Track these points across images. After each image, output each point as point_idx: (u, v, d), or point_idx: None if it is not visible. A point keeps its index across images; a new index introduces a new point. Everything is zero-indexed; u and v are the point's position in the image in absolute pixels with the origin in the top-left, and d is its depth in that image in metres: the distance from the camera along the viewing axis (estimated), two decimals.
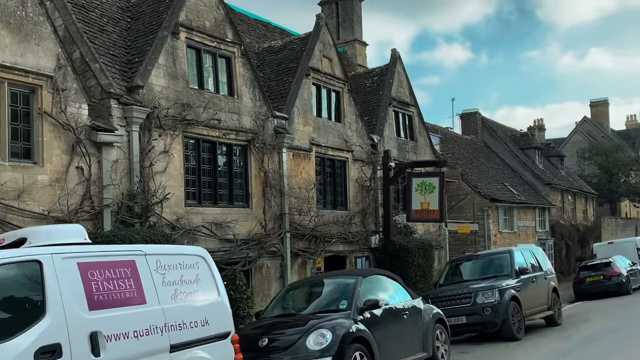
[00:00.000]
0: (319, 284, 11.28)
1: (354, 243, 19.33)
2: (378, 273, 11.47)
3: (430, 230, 23.13)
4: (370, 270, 12.20)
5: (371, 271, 11.66)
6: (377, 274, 11.46)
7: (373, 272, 11.42)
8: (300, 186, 17.27)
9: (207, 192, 14.87)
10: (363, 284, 10.67)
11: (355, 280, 10.62)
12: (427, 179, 19.35)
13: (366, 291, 10.66)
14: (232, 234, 14.99)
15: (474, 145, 35.90)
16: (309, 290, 11.21)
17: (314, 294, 11.07)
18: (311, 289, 11.24)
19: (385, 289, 11.30)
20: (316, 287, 11.21)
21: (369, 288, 10.84)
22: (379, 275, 11.49)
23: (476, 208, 28.79)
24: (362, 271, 11.70)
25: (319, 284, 11.30)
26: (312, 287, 11.27)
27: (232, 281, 14.11)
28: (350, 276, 10.88)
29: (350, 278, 10.79)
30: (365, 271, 11.60)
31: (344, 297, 10.37)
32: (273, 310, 10.92)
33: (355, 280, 10.64)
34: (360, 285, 10.54)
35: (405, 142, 22.76)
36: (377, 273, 11.46)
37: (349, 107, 19.75)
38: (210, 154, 15.00)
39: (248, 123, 15.84)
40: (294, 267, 16.96)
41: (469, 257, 18.62)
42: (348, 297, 10.28)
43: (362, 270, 12.12)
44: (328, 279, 11.35)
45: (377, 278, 11.33)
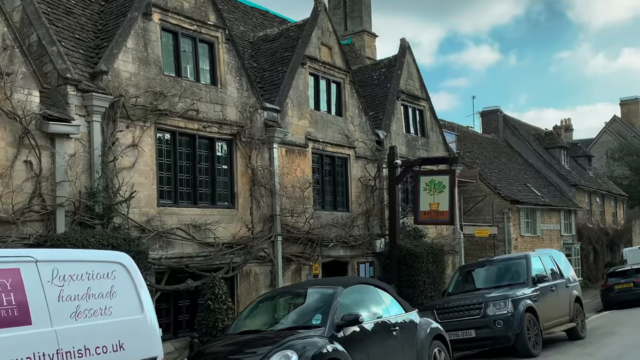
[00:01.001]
0: (295, 294, 9.75)
1: (357, 247, 17.74)
2: (364, 282, 9.89)
3: (444, 234, 21.44)
4: (354, 279, 10.63)
5: (355, 280, 10.08)
6: (362, 282, 9.87)
7: (357, 280, 9.85)
8: (295, 185, 15.75)
9: (184, 191, 13.43)
10: (344, 295, 9.12)
11: (334, 291, 9.07)
12: (437, 178, 17.70)
13: (347, 304, 9.11)
14: (214, 237, 13.53)
15: (494, 144, 34.06)
16: (283, 302, 9.68)
17: (288, 307, 9.54)
18: (286, 300, 9.71)
19: (372, 301, 9.73)
20: (292, 299, 9.68)
21: (351, 300, 9.29)
22: (365, 284, 9.91)
23: (495, 210, 27.00)
24: (344, 280, 10.14)
25: (295, 294, 9.77)
26: (287, 298, 9.74)
27: (211, 290, 12.67)
28: (329, 286, 9.33)
29: (329, 288, 9.25)
30: (347, 280, 10.04)
31: (319, 311, 8.83)
32: (241, 325, 9.41)
33: (334, 290, 9.09)
34: (340, 296, 8.99)
35: (415, 139, 21.11)
36: (363, 282, 9.87)
37: (351, 99, 18.19)
38: (188, 149, 13.56)
39: (233, 115, 14.38)
40: (286, 273, 15.44)
41: (481, 263, 16.90)
42: (324, 311, 8.74)
43: (345, 279, 10.57)
44: (306, 288, 9.81)
45: (362, 288, 9.76)
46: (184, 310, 13.25)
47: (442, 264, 19.13)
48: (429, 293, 18.03)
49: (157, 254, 12.39)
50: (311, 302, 9.27)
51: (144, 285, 6.39)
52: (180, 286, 12.82)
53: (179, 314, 13.16)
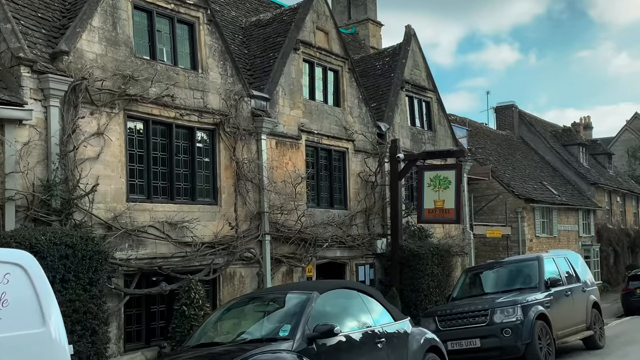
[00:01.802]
0: (267, 300, 8.47)
1: (355, 248, 16.46)
2: (346, 286, 8.58)
3: (452, 234, 20.08)
4: (333, 283, 9.30)
5: (334, 284, 8.78)
6: (344, 287, 8.56)
7: (337, 284, 8.55)
8: (285, 180, 14.51)
9: (159, 185, 12.24)
10: (320, 301, 7.85)
11: (307, 297, 7.81)
12: (442, 173, 16.36)
13: (324, 312, 7.85)
14: (192, 236, 12.32)
15: (509, 140, 32.58)
16: (253, 309, 8.42)
17: (256, 316, 8.29)
18: (256, 307, 8.44)
19: (355, 308, 8.44)
20: (262, 305, 8.41)
21: (329, 307, 8.02)
22: (347, 289, 8.59)
23: (509, 209, 25.56)
24: (322, 284, 8.84)
25: (266, 300, 8.48)
26: (258, 304, 8.46)
27: (186, 294, 11.48)
28: (303, 291, 8.05)
29: (302, 293, 7.98)
30: (326, 284, 8.75)
31: (289, 320, 7.57)
32: (202, 335, 8.17)
33: (308, 296, 7.82)
34: (314, 303, 7.72)
35: (421, 132, 19.77)
36: (345, 286, 8.57)
37: (349, 89, 16.91)
38: (164, 139, 12.37)
39: (216, 103, 13.17)
40: (276, 275, 14.19)
41: (489, 265, 15.53)
42: (294, 321, 7.48)
43: (323, 283, 9.25)
44: (280, 293, 8.54)
45: (343, 293, 8.46)
46: (158, 317, 12.05)
47: (449, 266, 17.79)
48: (434, 297, 16.72)
49: (125, 254, 11.21)
50: (282, 309, 8.02)
51: (49, 293, 5.18)
52: (153, 290, 11.63)
53: (152, 320, 11.96)
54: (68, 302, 9.38)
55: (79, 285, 9.57)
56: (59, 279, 9.32)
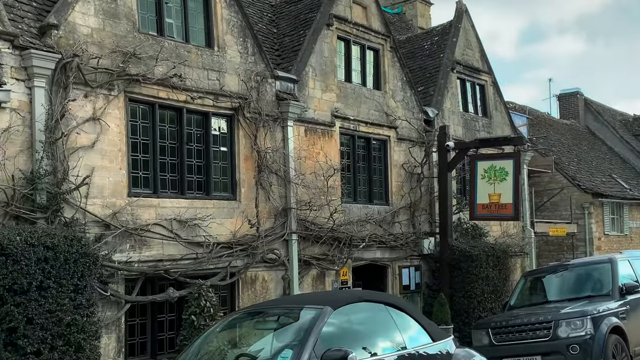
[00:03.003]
0: (269, 316, 6.82)
1: (398, 248, 14.69)
2: (367, 299, 6.85)
3: (510, 232, 18.05)
4: (354, 295, 7.46)
5: (353, 296, 6.99)
6: (365, 299, 6.84)
7: (357, 297, 6.81)
8: (316, 172, 12.89)
9: (167, 178, 10.79)
10: (332, 319, 6.20)
11: (316, 313, 6.16)
12: (498, 162, 14.41)
13: (338, 332, 6.21)
14: (206, 235, 10.84)
15: (574, 130, 30.03)
16: (250, 328, 6.81)
17: (253, 336, 6.69)
18: (254, 325, 6.81)
19: (380, 327, 6.74)
20: (262, 322, 6.79)
21: (344, 326, 6.37)
22: (370, 302, 6.87)
23: (574, 205, 23.23)
24: (338, 295, 7.13)
25: (268, 316, 6.83)
26: (257, 322, 6.82)
27: (196, 301, 10.01)
28: (313, 305, 6.39)
29: (311, 309, 6.32)
30: (342, 296, 7.03)
31: (291, 344, 5.95)
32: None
33: (317, 312, 6.17)
34: (325, 321, 6.07)
35: (475, 119, 17.81)
36: (367, 299, 6.84)
37: (392, 69, 15.14)
38: (173, 125, 10.92)
39: (234, 85, 11.64)
40: (305, 280, 12.59)
41: (553, 269, 13.49)
42: (296, 345, 5.84)
43: (339, 294, 7.52)
44: (282, 309, 6.89)
45: (364, 307, 6.74)
46: (167, 327, 10.61)
47: (506, 268, 15.82)
48: (489, 304, 14.82)
49: (126, 256, 9.81)
50: (285, 328, 6.42)
51: None
52: (159, 297, 10.20)
53: (160, 330, 10.53)
54: (47, 313, 8.02)
55: (61, 293, 8.18)
56: (36, 286, 7.96)
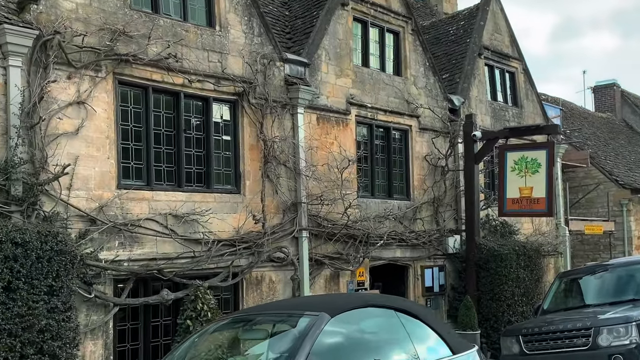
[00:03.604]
0: (254, 325, 5.78)
1: (420, 247, 13.57)
2: (375, 304, 5.75)
3: (542, 230, 16.81)
4: (358, 299, 6.22)
5: (358, 300, 5.84)
6: (372, 304, 5.75)
7: (362, 301, 5.68)
8: (330, 164, 11.85)
9: (163, 169, 9.84)
10: (329, 328, 5.16)
11: (309, 322, 5.12)
12: (529, 153, 13.19)
13: (336, 344, 5.18)
14: (205, 231, 9.88)
15: (610, 123, 28.49)
16: (230, 339, 5.79)
17: (235, 349, 5.66)
18: (239, 334, 5.78)
19: (389, 337, 5.68)
20: (245, 332, 5.75)
21: (345, 337, 5.32)
22: (378, 307, 5.78)
23: (612, 201, 21.79)
24: (338, 300, 5.95)
25: (253, 325, 5.79)
26: (240, 331, 5.79)
27: (192, 304, 9.06)
28: (307, 312, 5.34)
29: (305, 315, 5.28)
30: (344, 300, 5.88)
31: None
32: None
33: (311, 321, 5.14)
34: (318, 333, 5.03)
35: (504, 109, 16.59)
36: (373, 304, 5.75)
37: (413, 54, 14.02)
38: (169, 111, 9.96)
39: (238, 68, 10.66)
40: (317, 280, 11.56)
41: (590, 269, 12.21)
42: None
43: (340, 299, 6.28)
44: (272, 316, 5.84)
45: (369, 314, 5.67)
46: (161, 332, 9.66)
47: (538, 269, 14.60)
48: (519, 308, 13.64)
49: (114, 254, 8.88)
50: (273, 340, 5.38)
51: None
52: (151, 299, 9.25)
53: (155, 336, 9.58)
54: (16, 318, 7.14)
55: (33, 296, 7.29)
56: (3, 287, 7.09)
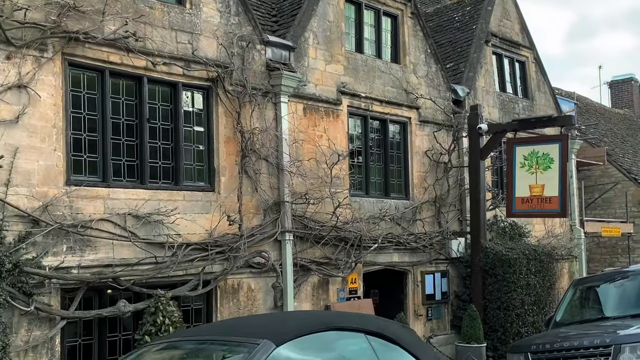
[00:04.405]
0: (181, 356, 4.60)
1: (420, 251, 12.36)
2: (340, 326, 4.52)
3: (556, 232, 15.54)
4: (316, 321, 4.92)
5: (316, 322, 4.59)
6: (335, 327, 4.52)
7: (324, 323, 4.46)
8: (318, 159, 10.67)
9: (122, 163, 8.70)
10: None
11: (245, 354, 3.94)
12: (540, 147, 11.94)
13: None
14: (170, 234, 8.73)
15: (628, 120, 27.11)
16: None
17: None
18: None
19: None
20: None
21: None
22: (344, 330, 4.57)
23: (630, 201, 20.44)
24: (290, 322, 4.65)
25: (181, 356, 4.61)
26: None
27: (152, 317, 7.91)
28: (246, 339, 4.16)
29: (244, 345, 4.09)
30: (298, 322, 4.59)
31: None
32: None
33: (250, 351, 3.95)
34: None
35: (514, 101, 15.34)
36: (338, 326, 4.52)
37: (413, 40, 12.82)
38: (131, 98, 8.82)
39: (212, 50, 9.51)
40: (303, 288, 10.39)
41: (609, 276, 10.92)
42: None
43: (296, 320, 4.96)
44: (202, 343, 4.61)
45: (330, 340, 4.47)
46: (120, 348, 8.51)
47: (551, 274, 13.35)
48: (530, 318, 12.41)
49: (60, 259, 7.75)
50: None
51: None
52: (105, 311, 8.10)
53: (112, 353, 8.43)
54: None
55: None
56: None
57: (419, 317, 12.30)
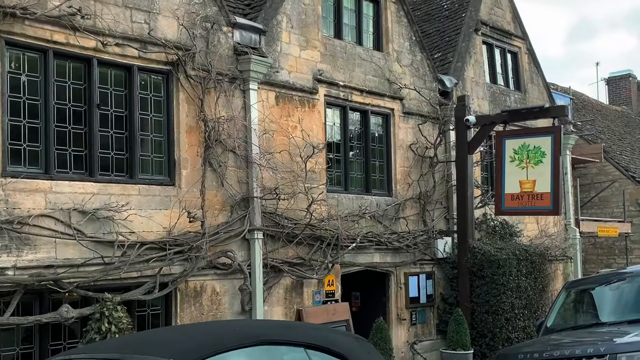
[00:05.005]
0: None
1: (404, 251, 11.58)
2: (272, 339, 3.72)
3: (549, 232, 14.75)
4: (240, 333, 4.07)
5: (242, 334, 3.78)
6: (264, 341, 3.68)
7: (252, 336, 3.66)
8: (291, 152, 9.88)
9: (68, 153, 7.89)
10: None
11: None
12: (531, 140, 11.17)
13: None
14: (119, 232, 7.93)
15: (625, 117, 26.38)
16: None
17: None
18: None
19: None
20: None
21: None
22: (278, 344, 3.76)
23: (628, 200, 19.71)
24: (210, 336, 3.91)
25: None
26: None
27: (97, 324, 7.18)
28: (148, 358, 3.37)
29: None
30: (218, 334, 3.83)
31: None
32: None
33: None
34: None
35: (505, 93, 14.56)
36: (269, 340, 3.70)
37: (397, 26, 12.04)
38: (78, 82, 8.02)
39: (172, 32, 8.71)
40: (274, 292, 9.59)
41: (605, 278, 10.11)
42: None
43: (216, 332, 4.19)
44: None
45: (256, 357, 3.69)
46: None
47: (543, 276, 12.57)
48: (521, 322, 11.64)
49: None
50: None
51: None
52: (45, 317, 7.30)
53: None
54: None
55: None
56: None
57: (402, 322, 11.51)
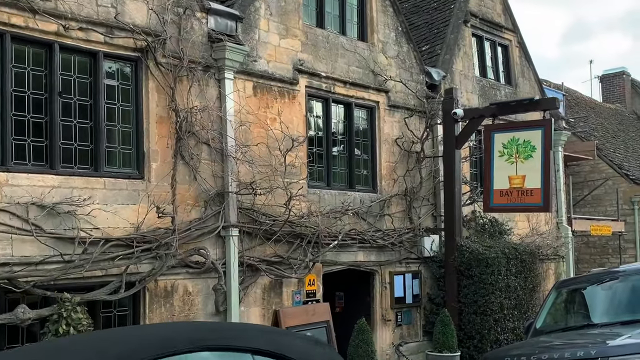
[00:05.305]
0: None
1: (389, 249, 11.14)
2: (213, 345, 3.27)
3: (541, 230, 14.34)
4: (175, 337, 3.63)
5: (178, 339, 3.37)
6: (203, 346, 3.24)
7: (191, 340, 3.26)
8: (269, 145, 9.43)
9: (27, 144, 7.42)
10: None
11: None
12: (521, 134, 10.74)
13: None
14: (82, 228, 7.46)
15: (619, 115, 26.00)
16: None
17: None
18: None
19: None
20: None
21: None
22: (220, 350, 3.31)
23: (622, 199, 19.34)
24: (143, 338, 3.50)
25: None
26: None
27: (54, 326, 6.69)
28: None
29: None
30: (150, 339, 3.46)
31: None
32: None
33: None
34: None
35: (495, 87, 14.15)
36: (210, 345, 3.25)
37: (382, 15, 11.60)
38: (38, 69, 7.55)
39: (141, 16, 8.25)
40: (251, 291, 9.13)
41: (597, 278, 9.68)
42: None
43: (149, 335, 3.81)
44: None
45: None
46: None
47: (534, 276, 12.16)
48: (510, 323, 11.21)
49: None
50: None
51: None
52: (3, 318, 6.83)
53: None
54: None
55: None
56: None
57: (387, 323, 11.08)
